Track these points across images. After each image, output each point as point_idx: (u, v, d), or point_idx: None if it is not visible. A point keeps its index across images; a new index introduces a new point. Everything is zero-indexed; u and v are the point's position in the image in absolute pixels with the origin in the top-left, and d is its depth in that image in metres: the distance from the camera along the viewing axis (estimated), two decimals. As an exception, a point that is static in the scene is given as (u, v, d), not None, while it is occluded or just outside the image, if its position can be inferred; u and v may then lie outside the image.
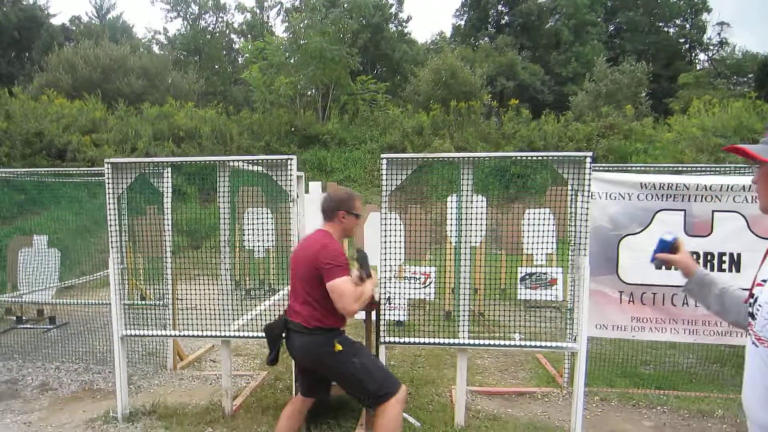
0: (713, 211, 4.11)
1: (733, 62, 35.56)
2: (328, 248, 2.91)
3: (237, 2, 37.46)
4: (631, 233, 4.18)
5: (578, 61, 32.38)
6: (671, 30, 37.31)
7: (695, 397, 4.16)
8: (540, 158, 3.67)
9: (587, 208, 3.42)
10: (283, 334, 3.02)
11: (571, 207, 4.26)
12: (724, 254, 4.12)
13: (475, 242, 5.97)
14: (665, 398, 4.16)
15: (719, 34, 36.85)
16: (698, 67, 35.24)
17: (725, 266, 4.12)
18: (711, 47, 36.90)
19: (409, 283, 6.58)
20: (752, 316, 1.51)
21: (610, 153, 14.13)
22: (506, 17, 39.86)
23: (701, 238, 4.13)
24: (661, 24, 36.92)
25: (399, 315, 6.29)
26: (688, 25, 36.82)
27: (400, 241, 5.46)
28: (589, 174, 3.38)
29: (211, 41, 32.59)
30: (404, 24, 40.33)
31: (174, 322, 4.23)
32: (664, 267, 4.19)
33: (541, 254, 5.16)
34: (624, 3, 37.25)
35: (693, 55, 37.03)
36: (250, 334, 3.89)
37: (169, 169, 4.28)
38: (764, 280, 1.52)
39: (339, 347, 2.90)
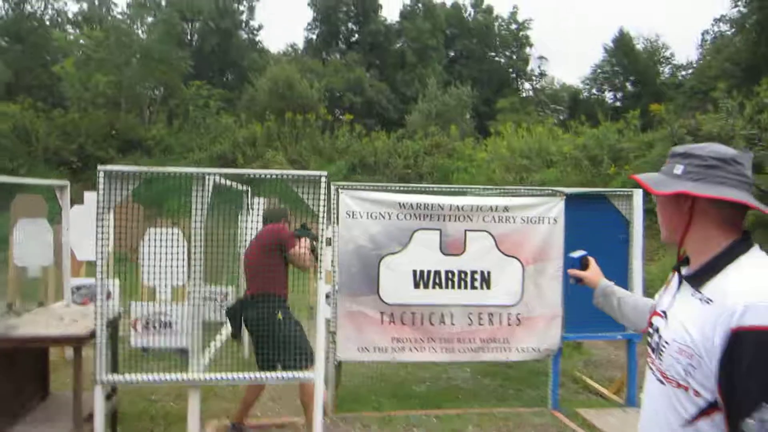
0: (465, 231, 4.26)
1: (551, 92, 40.20)
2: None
3: (72, -10, 33.62)
4: (392, 252, 4.17)
5: (420, 83, 34.05)
6: (502, 60, 40.99)
7: (454, 414, 4.24)
8: (277, 177, 3.47)
9: (323, 230, 3.26)
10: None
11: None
12: (476, 272, 4.27)
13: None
14: (426, 418, 4.17)
15: (539, 66, 41.35)
16: (523, 95, 39.22)
17: (477, 284, 4.27)
18: (533, 77, 41.26)
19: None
20: (654, 350, 1.33)
21: (435, 170, 14.84)
22: (356, 35, 40.78)
23: (455, 257, 4.25)
24: (492, 54, 40.39)
25: (180, 342, 5.76)
26: (515, 57, 40.74)
27: (181, 260, 4.93)
28: (325, 194, 3.24)
29: (38, 30, 28.74)
30: (256, 32, 39.44)
31: None
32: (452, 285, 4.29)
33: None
34: (461, 32, 40.14)
35: (519, 83, 41.04)
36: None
37: None
38: (664, 312, 1.34)
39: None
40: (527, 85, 41.91)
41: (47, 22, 29.08)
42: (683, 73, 35.02)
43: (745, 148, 8.49)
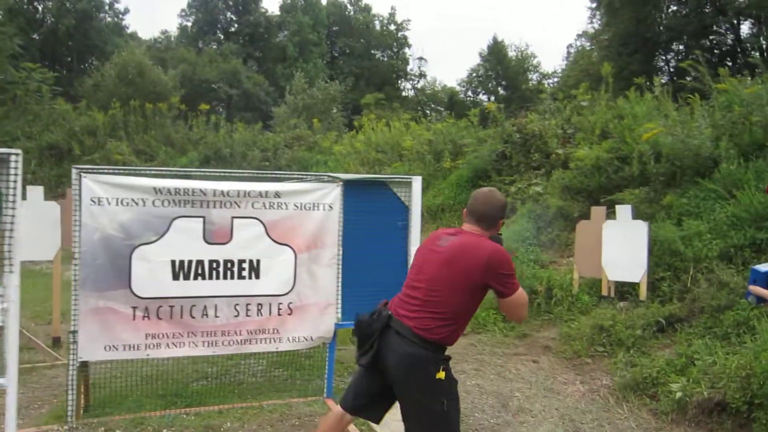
0: (233, 218, 4.04)
1: (431, 92, 41.64)
2: (504, 255, 2.54)
3: None
4: (146, 242, 3.84)
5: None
6: (383, 58, 41.64)
7: (216, 410, 4.00)
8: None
9: (13, 216, 2.86)
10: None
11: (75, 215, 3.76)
12: (244, 261, 4.07)
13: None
14: (185, 417, 3.90)
15: (419, 67, 42.61)
16: (404, 94, 40.23)
17: (245, 273, 4.07)
18: (414, 77, 42.40)
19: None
20: None
21: (294, 163, 14.59)
22: (235, 25, 39.38)
23: (221, 246, 4.02)
24: (374, 52, 40.91)
25: None
26: (395, 57, 41.59)
27: None
28: (15, 174, 2.84)
29: None
30: (121, 16, 36.69)
31: None
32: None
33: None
34: (343, 30, 40.26)
35: (400, 82, 41.98)
36: None
37: None
38: None
39: (442, 375, 2.46)
40: (408, 85, 42.96)
41: None
42: (549, 81, 37.69)
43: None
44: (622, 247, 5.73)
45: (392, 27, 41.11)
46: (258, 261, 4.08)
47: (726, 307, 4.74)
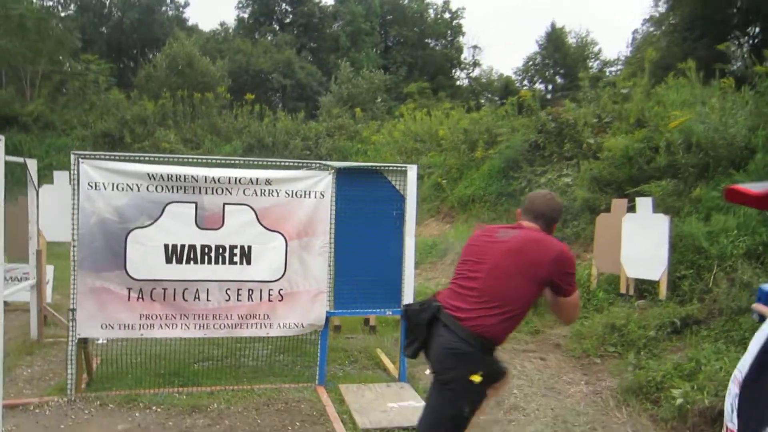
0: (224, 204, 4.13)
1: (485, 82, 40.74)
2: (571, 254, 2.55)
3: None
4: (140, 226, 3.99)
5: (354, 67, 33.78)
6: (437, 47, 41.13)
7: (207, 391, 4.12)
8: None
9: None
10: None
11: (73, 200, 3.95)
12: (236, 247, 4.15)
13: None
14: (177, 396, 4.04)
15: (473, 55, 41.78)
16: (458, 83, 39.60)
17: (236, 259, 4.16)
18: (468, 66, 41.64)
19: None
20: None
21: (334, 152, 14.71)
22: (290, 16, 39.98)
23: (213, 231, 4.12)
24: (428, 41, 40.47)
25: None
26: (450, 45, 40.96)
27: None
28: (-1, 158, 3.00)
29: None
30: (181, 9, 38.14)
31: None
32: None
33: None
34: (396, 19, 40.02)
35: (454, 71, 41.34)
36: None
37: None
38: None
39: (477, 378, 2.36)
40: (462, 74, 42.24)
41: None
42: (611, 68, 35.94)
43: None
44: (642, 242, 5.43)
45: (447, 15, 40.43)
46: (249, 247, 4.16)
47: (746, 310, 4.39)
